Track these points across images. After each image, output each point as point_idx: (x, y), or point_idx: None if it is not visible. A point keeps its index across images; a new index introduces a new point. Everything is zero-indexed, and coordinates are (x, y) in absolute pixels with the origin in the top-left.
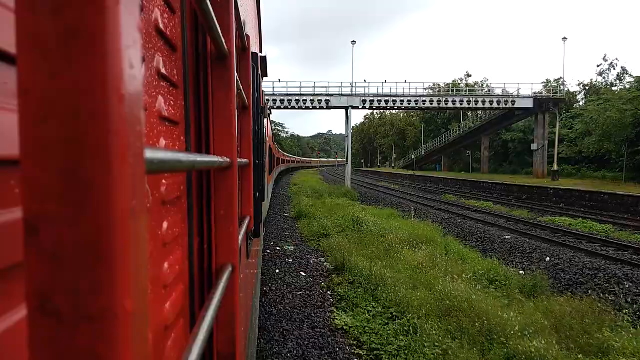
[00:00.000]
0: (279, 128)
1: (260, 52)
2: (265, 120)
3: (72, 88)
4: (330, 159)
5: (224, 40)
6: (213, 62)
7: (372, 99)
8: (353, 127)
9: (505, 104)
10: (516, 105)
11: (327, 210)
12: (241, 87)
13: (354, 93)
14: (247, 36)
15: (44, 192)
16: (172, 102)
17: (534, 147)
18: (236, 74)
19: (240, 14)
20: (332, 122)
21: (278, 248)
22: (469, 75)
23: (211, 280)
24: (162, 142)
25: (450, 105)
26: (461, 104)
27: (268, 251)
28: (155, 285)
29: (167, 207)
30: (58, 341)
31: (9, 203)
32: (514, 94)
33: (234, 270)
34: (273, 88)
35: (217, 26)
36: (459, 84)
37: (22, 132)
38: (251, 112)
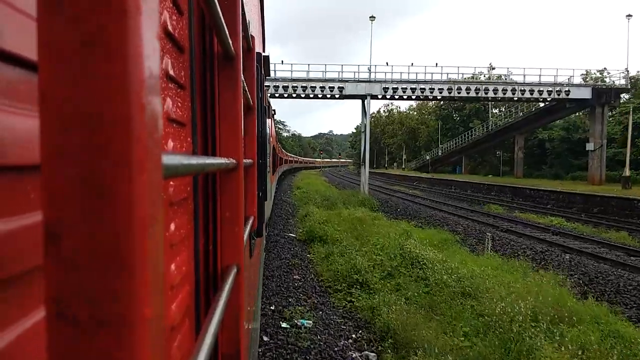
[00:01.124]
0: (279, 126)
1: (263, 51)
2: (269, 120)
3: (93, 96)
4: (333, 159)
5: (230, 42)
6: (220, 63)
7: (395, 86)
8: (357, 126)
9: (558, 95)
10: (570, 96)
11: (349, 227)
12: (246, 87)
13: (373, 79)
14: (252, 36)
15: (64, 200)
16: (179, 103)
17: (589, 147)
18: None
19: (245, 14)
20: (333, 122)
21: (284, 325)
22: (492, 68)
23: (216, 281)
24: (170, 144)
25: (490, 94)
26: (504, 94)
27: (265, 339)
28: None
29: (174, 208)
30: (76, 347)
31: (25, 208)
32: (563, 83)
33: (239, 272)
34: (275, 72)
35: (225, 27)
36: (479, 77)
37: (42, 139)
38: (255, 112)
